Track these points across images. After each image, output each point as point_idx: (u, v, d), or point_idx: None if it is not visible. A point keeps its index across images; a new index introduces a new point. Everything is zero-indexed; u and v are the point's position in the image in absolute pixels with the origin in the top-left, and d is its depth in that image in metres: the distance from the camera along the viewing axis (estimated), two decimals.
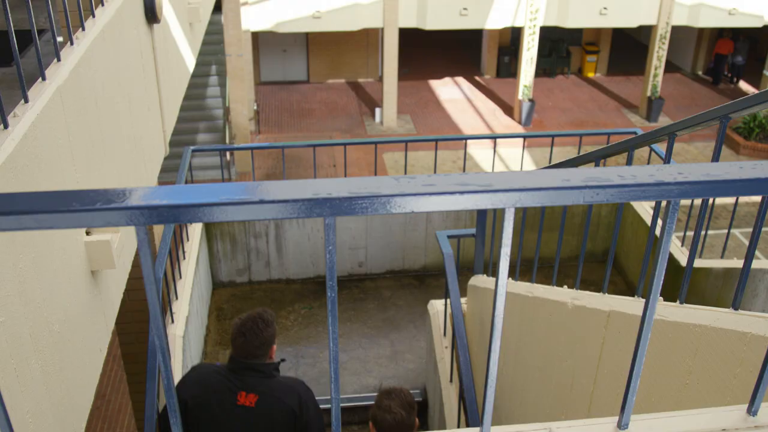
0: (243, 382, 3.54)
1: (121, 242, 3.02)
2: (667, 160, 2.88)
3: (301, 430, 3.59)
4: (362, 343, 7.20)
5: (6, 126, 2.26)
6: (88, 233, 2.92)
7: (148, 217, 1.22)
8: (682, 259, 6.77)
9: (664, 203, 1.52)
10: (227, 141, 15.94)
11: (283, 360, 3.84)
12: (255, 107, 19.21)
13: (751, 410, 1.87)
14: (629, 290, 7.65)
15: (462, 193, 1.25)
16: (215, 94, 16.17)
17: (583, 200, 1.30)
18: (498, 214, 5.82)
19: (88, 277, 2.86)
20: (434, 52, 24.65)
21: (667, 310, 2.71)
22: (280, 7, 18.14)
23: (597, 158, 3.39)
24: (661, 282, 1.51)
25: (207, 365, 3.81)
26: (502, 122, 20.18)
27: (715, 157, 2.45)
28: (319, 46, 22.14)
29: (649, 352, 2.75)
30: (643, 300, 2.92)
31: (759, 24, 20.72)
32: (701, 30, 23.70)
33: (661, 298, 3.01)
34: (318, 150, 16.19)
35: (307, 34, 21.52)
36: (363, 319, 7.50)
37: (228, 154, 15.34)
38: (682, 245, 7.11)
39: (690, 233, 7.35)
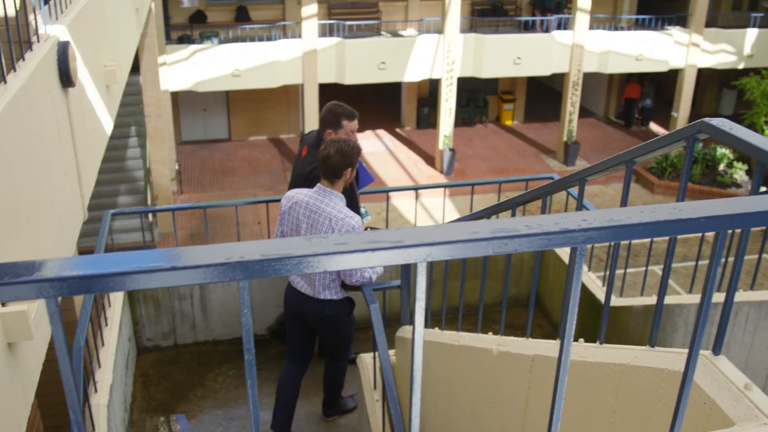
0: None
1: (39, 312, 2.94)
2: (579, 204, 2.97)
3: None
4: None
5: None
6: (3, 304, 2.85)
7: (58, 289, 1.21)
8: (603, 299, 6.91)
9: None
10: (149, 202, 15.73)
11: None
12: (177, 167, 19.05)
13: None
14: (555, 333, 7.76)
15: (373, 250, 1.27)
16: (136, 156, 15.98)
17: (492, 251, 1.34)
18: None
19: (4, 349, 2.77)
20: (355, 105, 24.70)
21: (587, 351, 2.77)
22: (199, 66, 18.14)
23: (514, 205, 3.48)
24: (574, 325, 1.55)
25: None
26: (425, 172, 20.43)
27: (623, 201, 2.54)
28: (240, 104, 22.16)
29: (572, 393, 2.80)
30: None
31: (664, 68, 21.61)
32: (611, 76, 24.57)
33: (582, 339, 3.07)
34: (242, 208, 16.10)
35: (227, 92, 21.52)
36: None
37: (150, 215, 15.13)
38: (603, 285, 7.27)
39: (617, 272, 7.52)
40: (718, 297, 5.70)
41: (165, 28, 18.26)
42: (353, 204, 5.60)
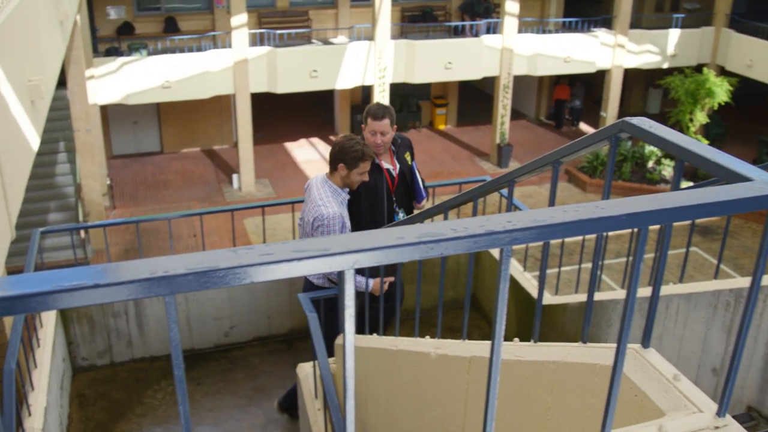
0: None
1: None
2: (508, 205, 3.01)
3: None
4: (234, 414, 7.04)
5: None
6: None
7: None
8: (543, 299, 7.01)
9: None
10: (81, 219, 15.41)
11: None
12: (108, 182, 18.72)
13: None
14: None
15: (300, 259, 1.27)
16: (65, 171, 15.64)
17: (419, 256, 1.35)
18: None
19: None
20: (288, 114, 24.81)
21: (522, 350, 2.80)
22: (128, 79, 17.86)
23: (445, 209, 3.50)
24: (503, 325, 1.57)
25: None
26: None
27: (551, 201, 2.58)
28: (171, 116, 21.87)
29: (508, 392, 2.83)
30: (504, 343, 3.02)
31: (592, 70, 22.05)
32: (541, 78, 24.95)
33: (517, 338, 3.11)
34: (178, 221, 15.88)
35: (158, 104, 21.23)
36: (233, 389, 7.34)
37: (82, 232, 14.81)
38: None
39: (551, 271, 7.63)
40: (649, 291, 5.84)
41: (92, 41, 17.93)
42: (356, 210, 5.71)
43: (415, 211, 6.18)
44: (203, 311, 7.74)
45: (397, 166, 6.00)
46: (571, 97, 24.98)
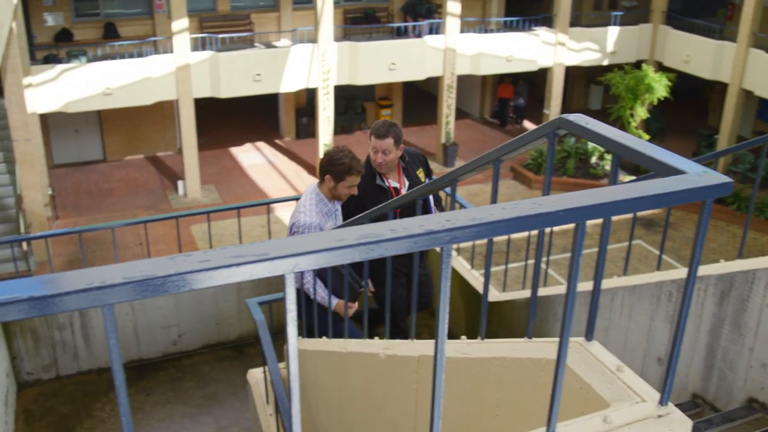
0: None
1: None
2: (452, 204, 3.03)
3: None
4: (184, 423, 6.97)
5: None
6: None
7: None
8: (490, 296, 7.07)
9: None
10: (22, 230, 15.08)
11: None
12: (50, 192, 18.36)
13: (549, 431, 1.98)
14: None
15: (238, 265, 1.26)
16: (5, 183, 15.30)
17: (359, 257, 1.35)
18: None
19: None
20: (233, 119, 24.62)
21: (469, 348, 2.82)
22: (67, 86, 17.53)
23: (391, 209, 3.51)
24: (446, 323, 1.58)
25: None
26: (307, 182, 20.39)
27: (493, 199, 2.61)
28: (113, 123, 21.54)
29: (457, 389, 2.85)
30: (450, 341, 3.04)
31: (534, 68, 22.32)
32: (484, 77, 25.15)
33: (465, 336, 3.13)
34: (123, 230, 15.65)
35: (99, 111, 20.88)
36: (183, 398, 7.27)
37: (24, 244, 14.51)
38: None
39: (500, 268, 7.72)
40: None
41: (29, 48, 17.57)
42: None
43: None
44: (151, 320, 7.65)
45: (407, 183, 5.76)
46: (514, 95, 25.25)
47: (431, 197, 5.91)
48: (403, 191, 5.66)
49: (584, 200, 1.54)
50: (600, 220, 1.87)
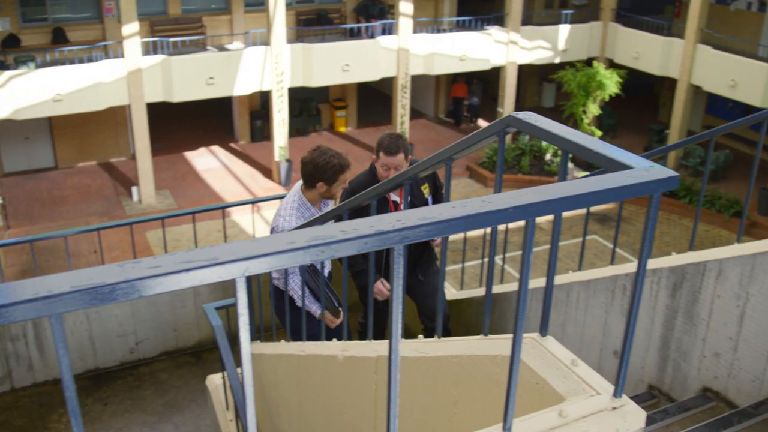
0: None
1: None
2: (404, 203, 3.04)
3: None
4: None
5: None
6: None
7: None
8: (448, 294, 7.10)
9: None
10: None
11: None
12: (0, 201, 18.03)
13: (506, 427, 2.00)
14: (403, 333, 7.88)
15: (188, 270, 1.25)
16: None
17: (310, 259, 1.35)
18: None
19: None
20: (187, 123, 24.40)
21: (426, 347, 2.84)
22: (16, 93, 17.21)
23: (345, 211, 3.51)
24: (400, 324, 1.59)
25: None
26: (263, 185, 20.30)
27: (447, 198, 2.62)
28: (65, 130, 21.20)
29: (415, 389, 2.86)
30: (407, 341, 3.05)
31: (487, 67, 22.46)
32: (438, 77, 25.26)
33: (422, 335, 3.15)
34: (77, 238, 15.43)
35: (49, 118, 20.54)
36: (142, 407, 7.18)
37: None
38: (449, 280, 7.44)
39: (457, 266, 7.75)
40: (555, 280, 5.99)
41: None
42: None
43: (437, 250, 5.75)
44: (106, 328, 7.55)
45: (408, 200, 5.48)
46: (468, 94, 25.41)
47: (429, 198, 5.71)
48: (402, 208, 5.35)
49: (533, 197, 1.55)
50: (564, 214, 1.89)
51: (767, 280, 4.22)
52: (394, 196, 5.40)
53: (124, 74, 18.13)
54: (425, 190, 5.55)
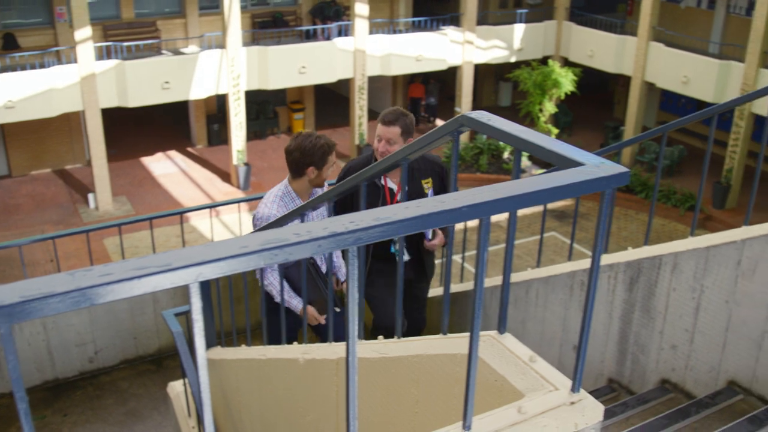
0: None
1: None
2: (362, 204, 3.04)
3: None
4: None
5: None
6: None
7: None
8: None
9: None
10: None
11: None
12: None
13: (465, 425, 2.01)
14: (363, 334, 7.88)
15: (140, 277, 1.24)
16: None
17: (263, 263, 1.34)
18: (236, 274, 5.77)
19: None
20: (143, 128, 24.15)
21: (386, 347, 2.84)
22: None
23: (301, 214, 3.49)
24: (356, 324, 1.59)
25: None
26: (221, 189, 20.17)
27: (403, 198, 2.63)
28: (17, 137, 20.84)
29: (375, 389, 2.86)
30: (366, 342, 3.05)
31: (444, 67, 22.57)
32: (395, 78, 25.30)
33: (381, 336, 3.15)
34: (32, 247, 15.18)
35: (1, 125, 20.18)
36: (103, 417, 7.09)
37: None
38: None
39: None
40: (514, 278, 6.03)
41: None
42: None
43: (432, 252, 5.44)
44: (64, 338, 7.44)
45: (406, 189, 4.94)
46: (425, 94, 25.51)
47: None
48: (399, 198, 4.90)
49: (486, 196, 1.56)
50: (523, 212, 1.91)
51: (721, 273, 4.30)
52: (390, 183, 5.03)
53: (77, 80, 17.89)
54: (426, 184, 5.14)
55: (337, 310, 4.40)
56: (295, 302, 4.67)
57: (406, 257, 5.18)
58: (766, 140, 4.44)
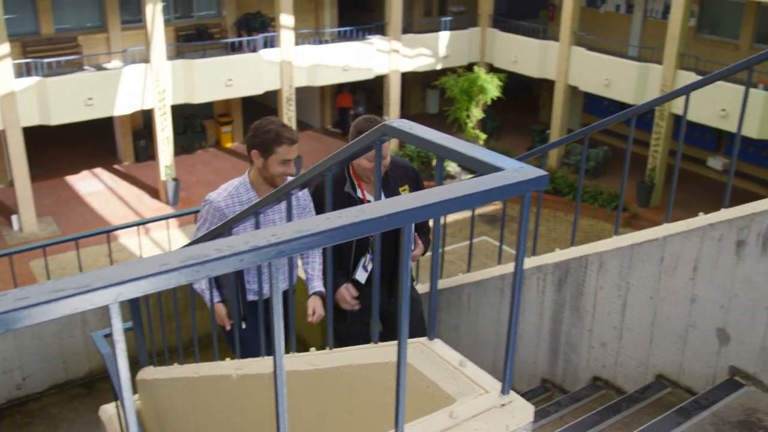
0: None
1: None
2: (288, 215, 3.03)
3: None
4: None
5: None
6: None
7: None
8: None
9: None
10: None
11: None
12: None
13: None
14: (300, 347, 7.85)
15: (58, 299, 1.22)
16: None
17: (185, 280, 1.33)
18: (167, 293, 5.68)
19: None
20: (67, 146, 23.60)
21: (318, 359, 2.84)
22: None
23: (228, 229, 3.46)
24: (282, 338, 1.59)
25: None
26: (150, 206, 19.86)
27: (329, 209, 2.63)
28: None
29: (309, 401, 2.85)
30: (298, 354, 3.04)
31: (371, 76, 22.66)
32: (322, 88, 25.29)
33: (314, 348, 3.14)
34: None
35: None
36: None
37: None
38: None
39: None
40: (446, 283, 6.07)
41: None
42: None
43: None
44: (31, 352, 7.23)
45: (382, 198, 4.29)
46: (354, 104, 25.58)
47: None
48: None
49: (406, 204, 1.58)
50: (455, 217, 1.93)
51: (645, 270, 4.41)
52: (369, 196, 4.69)
53: None
54: (404, 191, 4.75)
55: (243, 326, 4.06)
56: (209, 296, 4.21)
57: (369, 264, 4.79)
58: (682, 139, 4.58)
